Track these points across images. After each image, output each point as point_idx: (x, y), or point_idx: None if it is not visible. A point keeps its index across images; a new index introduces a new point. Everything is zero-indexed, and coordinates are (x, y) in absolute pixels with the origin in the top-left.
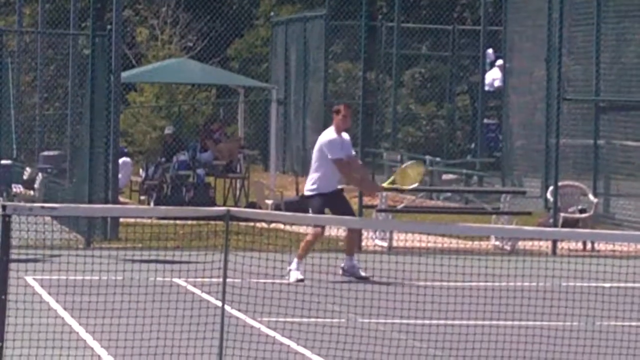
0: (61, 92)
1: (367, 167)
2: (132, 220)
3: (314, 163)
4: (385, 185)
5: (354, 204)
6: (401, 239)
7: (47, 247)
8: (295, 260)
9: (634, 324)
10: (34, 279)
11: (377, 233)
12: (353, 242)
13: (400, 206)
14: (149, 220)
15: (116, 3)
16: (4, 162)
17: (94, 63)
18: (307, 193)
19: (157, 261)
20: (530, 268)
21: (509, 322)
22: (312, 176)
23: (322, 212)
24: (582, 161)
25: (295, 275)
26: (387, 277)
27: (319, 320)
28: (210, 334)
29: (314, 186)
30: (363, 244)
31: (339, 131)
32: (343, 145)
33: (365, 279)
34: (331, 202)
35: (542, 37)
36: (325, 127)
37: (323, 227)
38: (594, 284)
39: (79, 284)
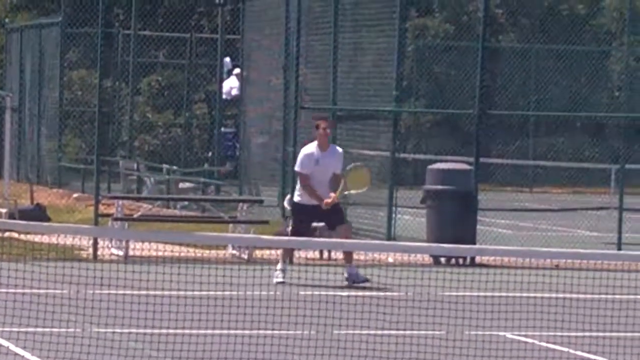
0: None
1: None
2: None
3: None
4: (336, 195)
5: (90, 212)
6: (138, 248)
7: None
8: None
9: (371, 332)
10: None
11: (114, 242)
12: (348, 252)
13: (136, 215)
14: None
15: None
16: None
17: None
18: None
19: None
20: (268, 277)
21: (247, 331)
22: (297, 186)
23: (303, 225)
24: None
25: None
26: (123, 287)
27: (54, 330)
28: None
29: (297, 196)
30: (99, 252)
31: (321, 147)
32: (320, 160)
33: (367, 280)
34: (317, 214)
35: (279, 46)
36: (61, 134)
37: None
38: (331, 292)
39: None
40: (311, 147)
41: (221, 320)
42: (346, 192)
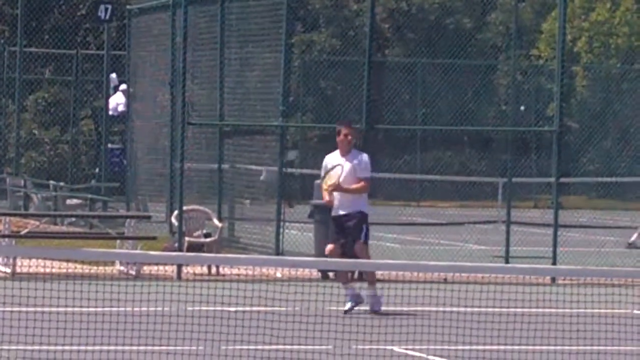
0: None
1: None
2: None
3: None
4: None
5: None
6: (25, 265)
7: None
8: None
9: (259, 347)
10: None
11: (1, 259)
12: (373, 274)
13: (24, 231)
14: None
15: None
16: None
17: None
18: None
19: None
20: (156, 292)
21: (135, 347)
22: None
23: (333, 232)
24: (207, 185)
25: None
26: (10, 304)
27: None
28: None
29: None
30: None
31: (342, 152)
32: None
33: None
34: (338, 227)
35: (166, 62)
36: None
37: (334, 244)
38: (219, 308)
39: None
40: (333, 156)
41: (108, 337)
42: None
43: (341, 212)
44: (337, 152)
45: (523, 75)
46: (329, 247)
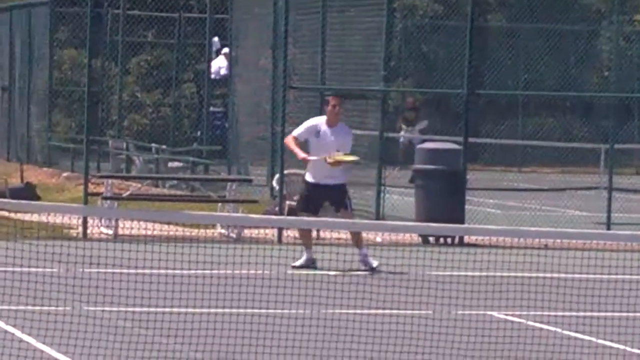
0: None
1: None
2: None
3: None
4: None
5: (79, 191)
6: (127, 227)
7: None
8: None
9: (358, 311)
10: None
11: (103, 221)
12: (359, 235)
13: (125, 194)
14: None
15: None
16: None
17: None
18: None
19: None
20: (257, 256)
21: (235, 310)
22: (308, 165)
23: (308, 201)
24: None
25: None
26: (112, 265)
27: (44, 308)
28: None
29: (308, 175)
30: (88, 231)
31: (329, 122)
32: (322, 133)
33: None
34: (325, 194)
35: (268, 25)
36: (50, 114)
37: (301, 214)
38: (319, 272)
39: None
40: (319, 119)
41: (209, 299)
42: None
43: (329, 182)
44: (322, 118)
45: (626, 41)
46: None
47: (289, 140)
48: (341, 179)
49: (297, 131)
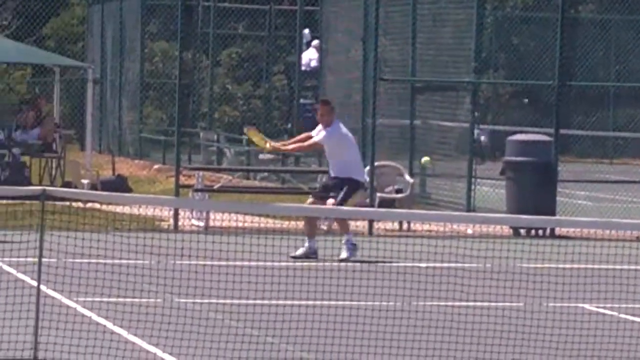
0: None
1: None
2: None
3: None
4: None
5: (170, 183)
6: (218, 219)
7: None
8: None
9: (449, 304)
10: None
11: (194, 213)
12: (345, 221)
13: (216, 186)
14: None
15: None
16: None
17: None
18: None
19: None
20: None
21: (325, 302)
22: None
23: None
24: (399, 141)
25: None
26: (203, 257)
27: (135, 300)
28: (26, 313)
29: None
30: (180, 223)
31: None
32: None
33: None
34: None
35: (358, 17)
36: (141, 106)
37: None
38: (410, 264)
39: None
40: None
41: (300, 291)
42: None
43: (333, 174)
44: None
45: None
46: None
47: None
48: (344, 173)
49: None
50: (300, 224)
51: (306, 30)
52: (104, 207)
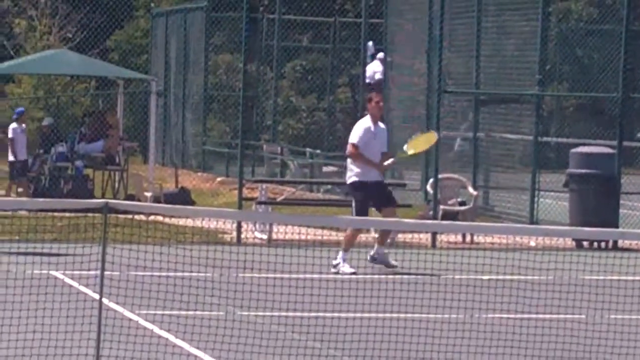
0: None
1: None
2: (9, 212)
3: None
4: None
5: (233, 196)
6: (281, 231)
7: None
8: (341, 253)
9: (512, 316)
10: None
11: (257, 225)
12: (386, 233)
13: (280, 198)
14: (26, 213)
15: None
16: None
17: None
18: (347, 182)
19: (34, 254)
20: (410, 260)
21: (389, 315)
22: (350, 167)
23: (366, 203)
24: (463, 153)
25: (345, 269)
26: (266, 270)
27: (198, 313)
28: (88, 326)
29: (353, 176)
30: (242, 236)
31: (373, 119)
32: (377, 133)
33: (394, 267)
34: (371, 192)
35: (422, 30)
36: (205, 119)
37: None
38: (473, 277)
39: None
40: (367, 122)
41: (363, 304)
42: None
43: (379, 179)
44: (368, 120)
45: None
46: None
47: (357, 154)
48: (382, 175)
49: (357, 139)
50: (364, 237)
51: (370, 43)
52: (167, 219)
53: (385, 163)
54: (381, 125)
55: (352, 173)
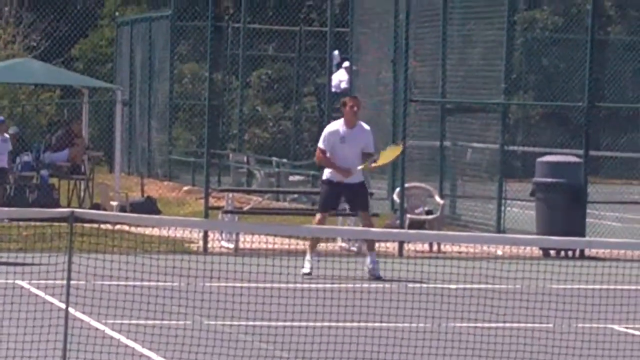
0: None
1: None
2: None
3: None
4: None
5: (200, 205)
6: (248, 241)
7: None
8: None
9: (479, 325)
10: None
11: (224, 234)
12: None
13: (246, 207)
14: None
15: None
16: None
17: None
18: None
19: None
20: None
21: (355, 324)
22: None
23: (329, 199)
24: (429, 163)
25: (304, 269)
26: (233, 279)
27: (164, 322)
28: (54, 336)
29: (327, 173)
30: (209, 245)
31: (347, 123)
32: (346, 137)
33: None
34: (345, 193)
35: (388, 39)
36: (171, 127)
37: (323, 214)
38: (440, 285)
39: None
40: (336, 125)
41: (330, 312)
42: (373, 165)
43: (351, 181)
44: (339, 123)
45: None
46: (319, 217)
47: (321, 157)
48: (358, 178)
49: (321, 143)
50: (330, 245)
51: (336, 52)
52: (133, 229)
53: (359, 167)
54: (364, 126)
55: (325, 170)
